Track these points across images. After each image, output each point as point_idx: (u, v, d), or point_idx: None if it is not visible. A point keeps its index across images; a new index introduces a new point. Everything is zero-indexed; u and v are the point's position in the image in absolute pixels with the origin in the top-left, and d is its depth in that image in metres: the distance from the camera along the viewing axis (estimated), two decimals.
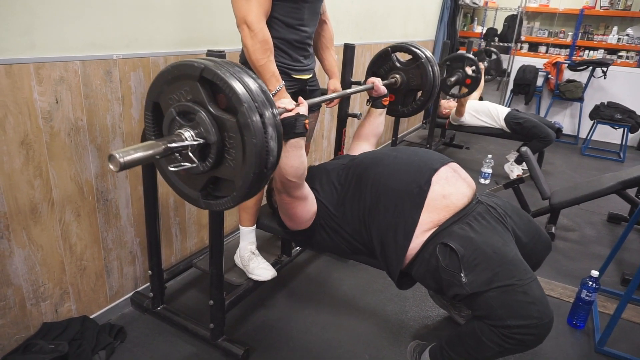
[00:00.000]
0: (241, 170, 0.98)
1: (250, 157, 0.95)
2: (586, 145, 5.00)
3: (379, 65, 2.12)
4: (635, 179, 2.56)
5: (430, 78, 2.00)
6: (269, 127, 0.96)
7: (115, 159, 0.81)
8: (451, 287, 1.28)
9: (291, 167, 1.31)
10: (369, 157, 1.52)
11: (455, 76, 3.45)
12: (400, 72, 2.07)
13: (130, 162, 0.84)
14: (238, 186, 1.01)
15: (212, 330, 1.68)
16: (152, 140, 0.94)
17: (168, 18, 1.76)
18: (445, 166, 1.44)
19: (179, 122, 1.00)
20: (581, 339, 1.93)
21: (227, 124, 0.96)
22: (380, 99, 1.84)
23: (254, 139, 0.94)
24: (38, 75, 1.38)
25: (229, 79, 0.94)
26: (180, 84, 1.01)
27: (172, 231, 2.08)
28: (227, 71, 0.95)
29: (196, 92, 0.98)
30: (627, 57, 5.52)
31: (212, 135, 0.97)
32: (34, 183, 1.45)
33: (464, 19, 6.30)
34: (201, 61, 0.97)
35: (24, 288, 1.51)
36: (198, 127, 0.98)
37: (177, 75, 1.00)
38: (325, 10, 1.90)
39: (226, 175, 1.03)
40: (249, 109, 0.93)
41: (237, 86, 0.94)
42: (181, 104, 1.00)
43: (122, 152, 0.83)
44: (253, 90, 0.96)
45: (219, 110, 0.97)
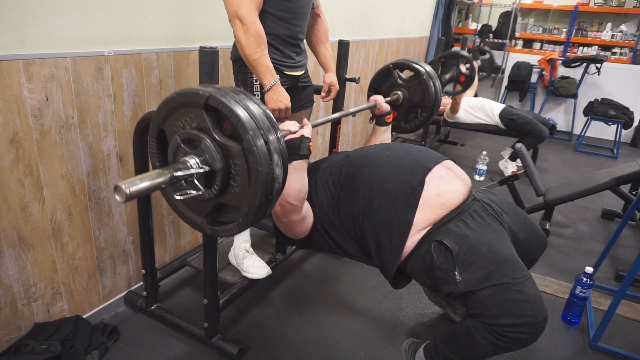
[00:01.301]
0: (247, 197, 0.98)
1: (255, 184, 0.95)
2: (580, 141, 5.02)
3: (381, 82, 2.14)
4: (629, 175, 2.57)
5: (432, 94, 2.02)
6: (274, 153, 0.96)
7: (121, 190, 0.81)
8: (445, 285, 1.28)
9: (293, 189, 1.29)
10: (362, 156, 1.50)
11: (450, 73, 3.45)
12: (402, 88, 2.08)
13: (137, 193, 0.84)
14: (243, 212, 1.01)
15: (207, 329, 1.67)
16: (157, 169, 0.94)
17: (161, 14, 1.74)
18: (439, 164, 1.42)
19: (184, 150, 1.00)
20: (576, 335, 1.94)
21: (233, 151, 0.96)
22: (384, 117, 1.82)
23: (260, 167, 0.94)
24: (27, 72, 1.36)
25: (234, 106, 0.94)
26: (185, 111, 1.01)
27: (165, 229, 2.06)
28: (231, 98, 0.95)
29: (201, 119, 0.98)
30: (621, 53, 5.54)
31: (218, 163, 0.97)
32: (24, 182, 1.43)
33: (458, 16, 6.30)
34: (206, 89, 0.97)
35: (15, 288, 1.50)
36: (203, 155, 0.98)
37: (182, 103, 1.00)
38: (319, 3, 1.88)
39: (231, 202, 1.03)
40: (254, 136, 0.93)
41: (242, 113, 0.94)
42: (186, 131, 1.00)
43: (128, 182, 0.83)
44: (257, 117, 0.95)
45: (224, 137, 0.97)
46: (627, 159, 4.61)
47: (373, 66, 3.83)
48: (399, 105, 2.08)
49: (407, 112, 2.11)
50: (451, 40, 5.78)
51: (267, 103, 1.64)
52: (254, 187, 0.96)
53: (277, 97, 1.61)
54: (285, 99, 1.63)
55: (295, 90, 1.83)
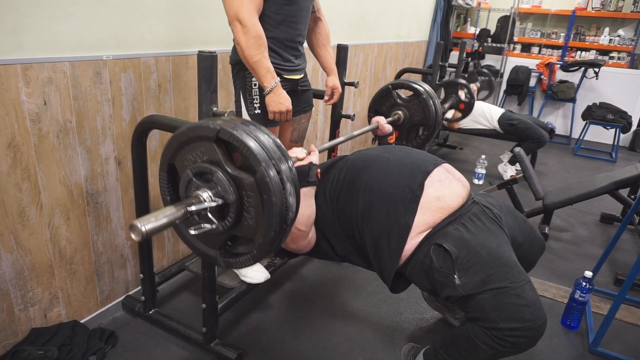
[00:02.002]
0: (261, 228, 0.98)
1: (270, 214, 0.95)
2: (579, 145, 5.03)
3: (381, 103, 2.16)
4: (627, 179, 2.57)
5: (433, 112, 2.04)
6: (287, 183, 0.96)
7: (137, 229, 0.82)
8: (444, 289, 1.27)
9: (302, 216, 1.30)
10: (360, 160, 1.50)
11: (449, 102, 3.53)
12: (402, 108, 2.10)
13: (152, 231, 0.84)
14: (258, 244, 1.00)
15: (205, 334, 1.66)
16: (171, 205, 0.94)
17: (159, 18, 1.74)
18: (438, 167, 1.42)
19: (196, 183, 1.00)
20: (575, 339, 1.93)
21: (245, 182, 0.96)
22: (386, 138, 1.83)
23: (274, 197, 0.94)
24: (25, 77, 1.36)
25: (245, 138, 0.94)
26: (196, 145, 1.01)
27: (164, 234, 2.06)
28: (242, 131, 0.95)
29: (212, 152, 0.98)
30: (619, 58, 5.56)
31: (231, 195, 0.97)
32: (21, 186, 1.42)
33: (457, 20, 6.32)
34: (217, 122, 0.97)
35: (12, 293, 1.49)
36: (216, 187, 0.98)
37: (193, 137, 1.00)
38: (320, 7, 1.88)
39: (245, 234, 1.02)
40: (267, 167, 0.93)
41: (253, 145, 0.94)
42: (197, 165, 1.00)
43: (143, 221, 0.84)
44: (268, 147, 0.96)
45: (236, 169, 0.97)
46: (626, 162, 4.61)
47: (372, 70, 3.84)
48: (400, 124, 2.10)
49: (409, 131, 2.13)
50: (450, 44, 5.80)
51: (267, 106, 1.63)
52: (269, 218, 0.95)
53: (278, 100, 1.61)
54: (286, 101, 1.63)
55: (294, 94, 1.83)
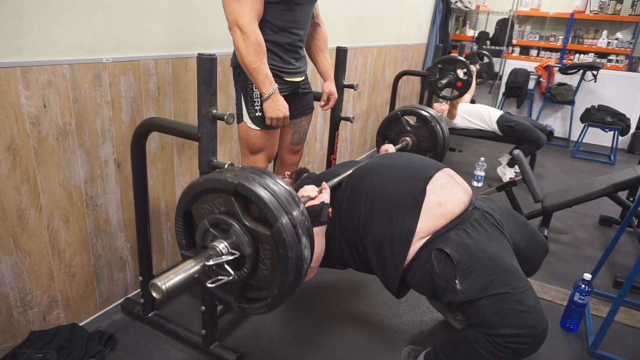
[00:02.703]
0: (276, 279, 1.00)
1: (285, 268, 0.97)
2: (577, 148, 5.04)
3: (390, 129, 2.17)
4: (626, 181, 2.57)
5: (441, 139, 2.06)
6: (302, 237, 0.98)
7: (157, 287, 0.85)
8: (445, 294, 1.27)
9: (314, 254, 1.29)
10: (362, 168, 1.50)
11: (447, 79, 3.47)
12: (410, 135, 2.11)
13: (172, 288, 0.87)
14: (273, 294, 1.02)
15: (204, 337, 1.66)
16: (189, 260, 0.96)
17: (159, 21, 1.75)
18: (439, 172, 1.42)
19: (212, 234, 1.02)
20: (574, 342, 1.93)
21: (262, 236, 0.98)
22: None
23: (290, 253, 0.96)
24: (25, 79, 1.36)
25: (261, 192, 0.96)
26: (213, 195, 1.03)
27: (163, 236, 2.06)
28: (258, 184, 0.97)
29: (230, 204, 1.01)
30: (617, 60, 5.58)
31: (247, 248, 0.99)
32: (21, 189, 1.42)
33: (456, 23, 6.33)
34: (234, 177, 0.99)
35: (11, 296, 1.48)
36: (232, 239, 1.00)
37: (211, 189, 1.02)
38: (319, 12, 1.89)
39: (261, 283, 1.04)
40: (284, 223, 0.95)
41: (270, 200, 0.96)
42: (215, 216, 1.02)
43: (164, 279, 0.86)
44: (284, 201, 0.97)
45: (252, 221, 0.99)
46: (624, 165, 4.62)
47: (371, 73, 3.84)
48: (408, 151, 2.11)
49: None
50: (449, 47, 5.81)
51: (265, 112, 1.64)
52: (284, 271, 0.97)
53: (275, 106, 1.62)
54: (283, 107, 1.63)
55: (295, 96, 1.83)
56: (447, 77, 3.48)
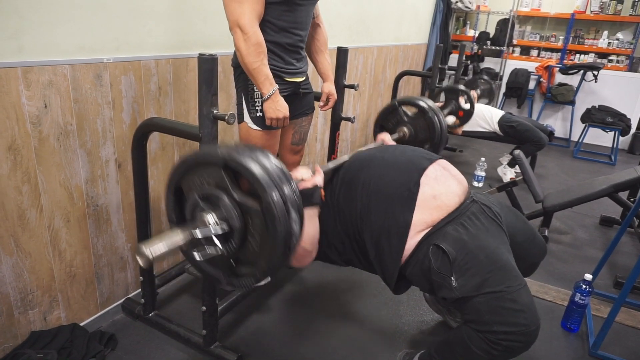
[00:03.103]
0: (265, 253, 1.00)
1: (274, 241, 0.97)
2: (578, 148, 5.04)
3: (387, 120, 2.16)
4: (627, 182, 2.57)
5: (438, 130, 2.04)
6: (292, 211, 0.97)
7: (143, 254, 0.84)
8: (441, 289, 1.28)
9: (307, 236, 1.31)
10: (357, 161, 1.50)
11: (449, 108, 3.53)
12: (407, 125, 2.10)
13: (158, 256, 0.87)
14: (261, 267, 1.02)
15: (205, 337, 1.66)
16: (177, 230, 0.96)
17: (160, 21, 1.75)
18: (433, 164, 1.42)
19: (202, 207, 1.02)
20: (575, 342, 1.93)
21: (251, 209, 0.98)
22: None
23: (279, 225, 0.95)
24: (26, 80, 1.36)
25: (252, 166, 0.95)
26: (203, 169, 1.03)
27: None
28: (249, 158, 0.97)
29: (220, 178, 1.00)
30: (618, 61, 5.57)
31: (236, 221, 0.99)
32: (22, 189, 1.42)
33: (456, 23, 6.33)
34: (224, 150, 0.99)
35: (12, 296, 1.48)
36: (221, 212, 0.99)
37: (201, 163, 1.02)
38: (319, 13, 1.89)
39: (250, 258, 1.04)
40: (273, 195, 0.94)
41: (260, 173, 0.95)
42: (204, 189, 1.02)
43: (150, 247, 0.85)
44: (274, 176, 0.97)
45: (242, 195, 0.99)
46: (625, 165, 4.62)
47: (371, 73, 3.84)
48: (406, 141, 2.10)
49: None
50: (449, 47, 5.81)
51: (265, 112, 1.64)
52: (273, 244, 0.97)
53: (275, 107, 1.62)
54: (283, 108, 1.63)
55: (296, 97, 1.83)
56: (449, 107, 3.54)
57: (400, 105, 2.11)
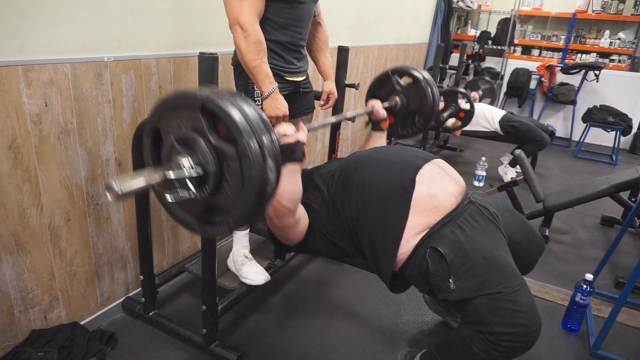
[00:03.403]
0: (239, 200, 0.98)
1: (248, 188, 0.95)
2: (579, 148, 5.03)
3: (379, 88, 2.14)
4: (628, 182, 2.57)
5: (430, 101, 2.01)
6: (268, 158, 0.95)
7: (112, 189, 0.81)
8: (440, 292, 1.28)
9: (287, 192, 1.28)
10: (353, 162, 1.50)
11: (449, 110, 3.52)
12: (400, 94, 2.07)
13: (128, 192, 0.84)
14: (235, 215, 1.01)
15: (205, 336, 1.66)
16: (150, 169, 0.94)
17: (160, 20, 1.74)
18: (429, 163, 1.41)
19: (178, 150, 1.00)
20: (576, 342, 1.93)
21: (227, 154, 0.96)
22: (380, 123, 1.82)
23: (254, 171, 0.93)
24: (27, 78, 1.36)
25: (230, 110, 0.93)
26: (181, 112, 1.01)
27: (164, 235, 2.06)
28: (228, 102, 0.95)
29: (197, 121, 0.98)
30: (619, 60, 5.56)
31: (211, 165, 0.97)
32: (22, 187, 1.42)
33: (457, 22, 6.32)
34: (203, 92, 0.97)
35: (12, 295, 1.49)
36: (197, 156, 0.98)
37: (179, 104, 1.00)
38: (320, 12, 1.89)
39: (223, 204, 1.02)
40: (249, 141, 0.93)
41: (238, 117, 0.93)
42: (181, 132, 1.00)
43: (120, 181, 0.83)
44: (253, 121, 0.95)
45: (219, 140, 0.97)
46: (626, 165, 4.61)
47: (372, 72, 3.84)
48: (397, 111, 2.08)
49: (405, 118, 2.11)
50: (450, 46, 5.80)
51: (265, 110, 1.64)
52: (247, 192, 0.95)
53: (275, 105, 1.61)
54: (283, 106, 1.63)
55: (296, 96, 1.83)
56: (450, 109, 3.53)
57: (393, 75, 2.08)
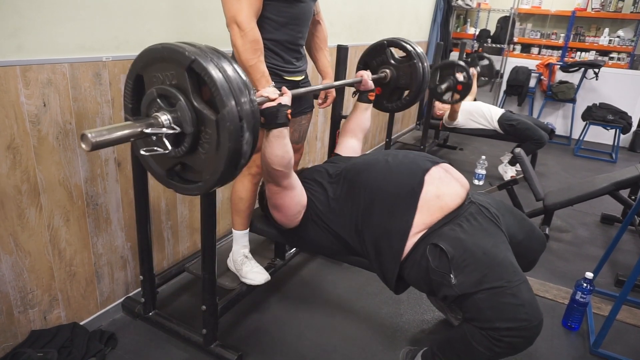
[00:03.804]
0: (211, 165, 0.99)
1: (222, 156, 0.96)
2: (579, 146, 5.03)
3: (372, 57, 2.12)
4: (628, 180, 2.56)
5: (420, 79, 2.00)
6: (246, 132, 0.96)
7: (87, 139, 0.80)
8: (441, 288, 1.28)
9: (276, 157, 1.31)
10: (361, 162, 1.51)
11: (447, 83, 3.48)
12: (391, 67, 2.06)
13: (103, 143, 0.83)
14: (205, 178, 1.02)
15: (205, 336, 1.66)
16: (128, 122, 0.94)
17: (160, 20, 1.74)
18: (436, 166, 1.43)
19: (158, 104, 0.99)
20: (576, 340, 1.93)
21: (207, 119, 0.96)
22: (367, 93, 1.84)
23: (229, 143, 0.94)
24: (25, 78, 1.35)
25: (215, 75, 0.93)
26: (168, 65, 0.99)
27: (164, 235, 2.05)
28: (215, 66, 0.94)
29: (182, 80, 0.97)
30: (619, 58, 5.56)
31: (189, 126, 0.97)
32: (21, 188, 1.42)
33: (457, 21, 6.31)
34: (192, 50, 0.95)
35: (12, 295, 1.48)
36: (176, 114, 0.97)
37: (166, 57, 0.99)
38: (319, 10, 1.88)
39: (196, 166, 1.03)
40: (230, 112, 0.93)
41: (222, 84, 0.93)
42: (165, 87, 0.99)
43: (95, 132, 0.82)
44: (236, 88, 0.95)
45: (201, 102, 0.97)
46: (626, 163, 4.61)
47: None
48: (386, 83, 2.07)
49: (392, 92, 2.10)
50: (450, 45, 5.79)
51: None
52: (220, 159, 0.96)
53: None
54: None
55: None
56: (447, 82, 3.49)
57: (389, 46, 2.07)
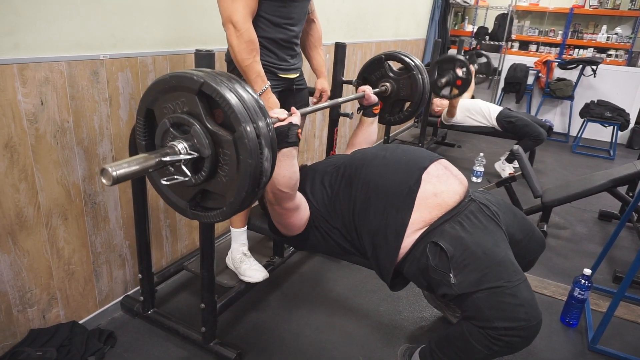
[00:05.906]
0: (234, 187, 0.97)
1: (244, 175, 0.94)
2: (577, 143, 5.04)
3: (371, 72, 2.12)
4: (626, 176, 2.57)
5: (420, 90, 2.00)
6: (265, 147, 0.95)
7: (107, 173, 0.80)
8: (440, 287, 1.28)
9: (283, 177, 1.28)
10: (358, 158, 1.50)
11: (446, 77, 3.46)
12: (390, 80, 2.06)
13: (123, 176, 0.83)
14: (229, 202, 1.00)
15: (204, 334, 1.66)
16: (145, 154, 0.93)
17: (156, 18, 1.73)
18: (435, 163, 1.42)
19: (172, 134, 0.98)
20: (574, 337, 1.93)
21: (223, 140, 0.95)
22: (371, 108, 1.82)
23: (250, 159, 0.93)
24: (22, 76, 1.35)
25: (228, 95, 0.92)
26: (177, 94, 0.99)
27: (162, 233, 2.05)
28: (225, 87, 0.93)
29: (193, 105, 0.96)
30: (617, 55, 5.57)
31: (207, 150, 0.96)
32: (18, 187, 1.42)
33: (454, 18, 6.32)
34: (200, 75, 0.95)
35: (10, 294, 1.48)
36: (192, 140, 0.96)
37: (175, 86, 0.98)
38: (314, 9, 1.88)
39: (217, 190, 1.02)
40: (247, 128, 0.92)
41: (236, 104, 0.92)
42: (176, 115, 0.98)
43: (115, 165, 0.82)
44: (250, 108, 0.94)
45: (215, 125, 0.96)
46: (624, 160, 4.62)
47: None
48: (387, 97, 2.07)
49: (394, 105, 2.10)
50: (448, 42, 5.79)
51: None
52: (242, 179, 0.95)
53: (267, 104, 1.61)
54: (275, 105, 1.63)
55: (290, 93, 1.82)
56: (447, 76, 3.47)
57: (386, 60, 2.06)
